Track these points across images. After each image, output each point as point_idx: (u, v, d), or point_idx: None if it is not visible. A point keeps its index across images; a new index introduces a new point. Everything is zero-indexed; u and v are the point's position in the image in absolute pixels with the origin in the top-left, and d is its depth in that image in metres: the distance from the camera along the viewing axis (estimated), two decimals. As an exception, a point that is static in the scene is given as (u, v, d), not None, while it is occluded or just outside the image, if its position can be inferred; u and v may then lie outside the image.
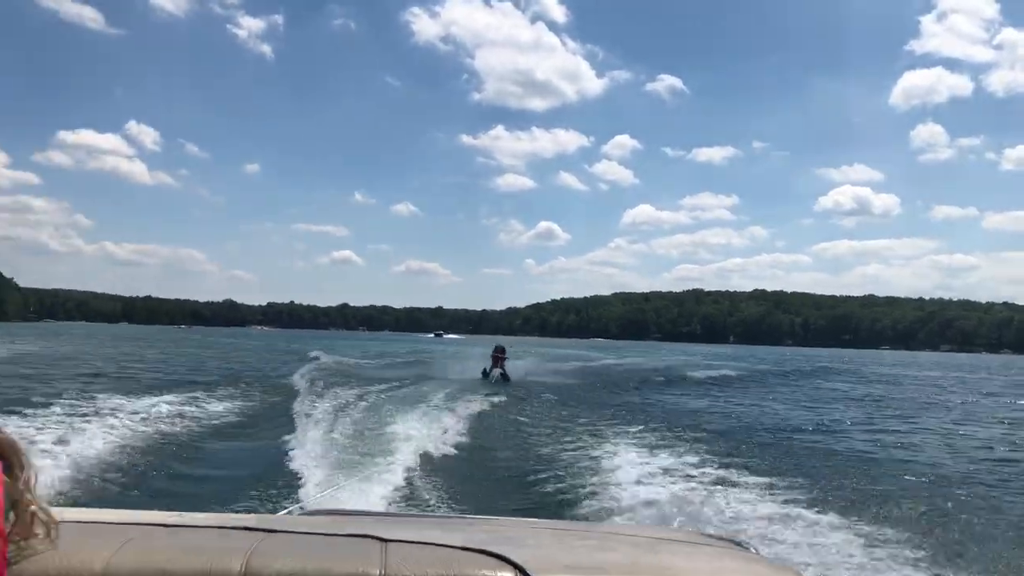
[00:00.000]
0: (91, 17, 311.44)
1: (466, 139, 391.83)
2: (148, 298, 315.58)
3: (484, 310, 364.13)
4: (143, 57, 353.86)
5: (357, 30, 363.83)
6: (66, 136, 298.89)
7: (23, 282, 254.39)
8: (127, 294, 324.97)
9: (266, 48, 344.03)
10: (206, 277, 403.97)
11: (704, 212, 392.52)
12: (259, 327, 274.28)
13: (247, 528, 1.46)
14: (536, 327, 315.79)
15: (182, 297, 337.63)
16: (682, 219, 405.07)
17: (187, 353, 52.65)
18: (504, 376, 30.67)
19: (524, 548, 1.32)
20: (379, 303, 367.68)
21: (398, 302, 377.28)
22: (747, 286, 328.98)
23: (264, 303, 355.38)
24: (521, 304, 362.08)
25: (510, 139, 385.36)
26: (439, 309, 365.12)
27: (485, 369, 31.45)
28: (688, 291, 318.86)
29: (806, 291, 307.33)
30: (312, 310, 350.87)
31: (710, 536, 1.66)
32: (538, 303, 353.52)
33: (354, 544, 1.35)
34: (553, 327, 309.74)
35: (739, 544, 1.63)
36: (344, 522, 1.60)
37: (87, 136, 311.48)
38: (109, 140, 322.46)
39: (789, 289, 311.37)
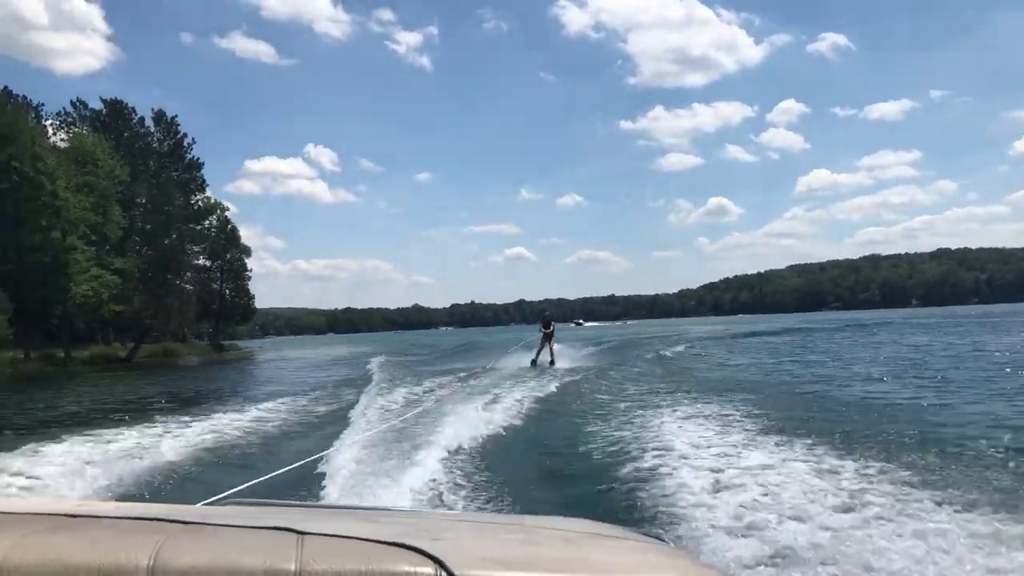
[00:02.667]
0: (265, 52, 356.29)
1: (625, 124, 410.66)
2: (348, 309, 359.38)
3: (657, 294, 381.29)
4: (314, 82, 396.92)
5: (509, 30, 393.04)
6: (252, 165, 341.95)
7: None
8: (323, 307, 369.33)
9: (425, 60, 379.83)
10: (392, 285, 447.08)
11: (884, 171, 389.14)
12: (444, 327, 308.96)
13: (158, 519, 1.45)
14: (710, 307, 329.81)
15: (374, 306, 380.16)
16: (861, 180, 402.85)
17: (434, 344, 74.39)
18: (551, 361, 28.29)
19: (444, 541, 1.34)
20: (553, 296, 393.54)
21: (572, 293, 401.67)
22: (937, 244, 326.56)
23: (448, 305, 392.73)
24: (694, 285, 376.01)
25: (670, 118, 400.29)
26: (611, 297, 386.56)
27: (533, 359, 28.85)
28: (865, 257, 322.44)
29: (994, 245, 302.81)
30: (492, 308, 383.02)
31: (635, 531, 1.71)
32: (711, 283, 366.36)
33: (269, 537, 1.35)
34: (727, 306, 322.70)
35: (663, 540, 1.70)
36: (262, 513, 1.61)
37: (271, 163, 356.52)
38: (291, 164, 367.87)
39: (982, 244, 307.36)
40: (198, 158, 72.64)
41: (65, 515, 1.48)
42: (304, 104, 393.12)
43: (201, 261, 72.64)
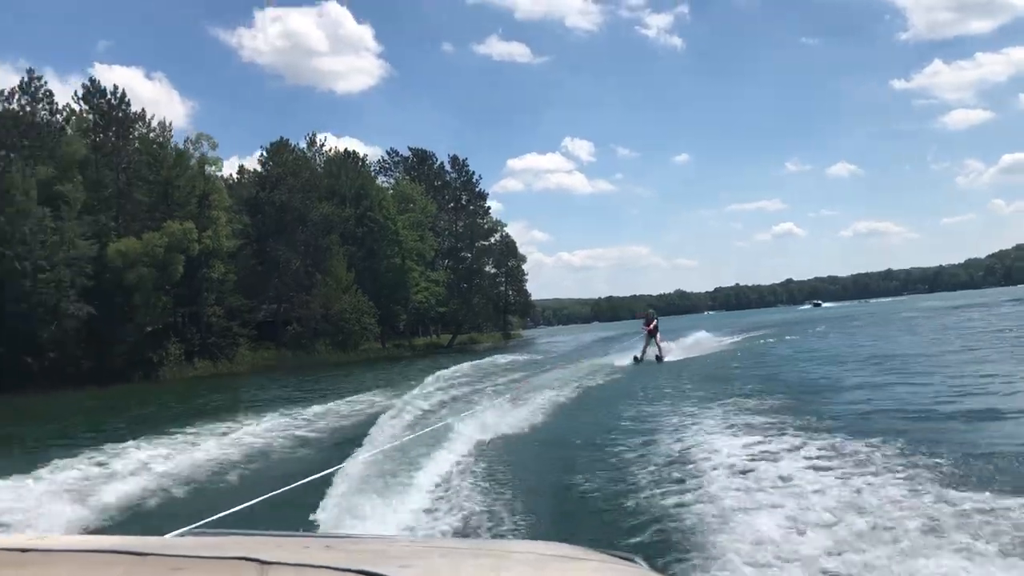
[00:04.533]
0: (520, 52, 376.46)
1: (898, 83, 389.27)
2: (610, 298, 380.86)
3: (940, 266, 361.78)
4: (568, 76, 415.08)
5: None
6: (514, 163, 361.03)
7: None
8: (586, 296, 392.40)
9: (676, 40, 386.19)
10: (652, 270, 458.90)
11: None
12: (708, 312, 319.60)
13: (114, 551, 1.42)
14: (1001, 277, 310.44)
15: (636, 293, 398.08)
16: None
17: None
18: (659, 357, 27.93)
19: (411, 568, 1.34)
20: (824, 273, 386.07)
21: (845, 269, 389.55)
22: None
23: (711, 288, 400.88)
24: (983, 254, 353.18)
25: (951, 72, 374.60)
26: (888, 272, 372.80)
27: (636, 356, 28.69)
28: None
29: None
30: (757, 289, 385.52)
31: (600, 551, 1.76)
32: (1002, 250, 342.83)
33: (231, 567, 1.33)
34: (1018, 275, 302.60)
35: (635, 561, 1.74)
36: (224, 544, 1.60)
37: (531, 160, 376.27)
38: (550, 159, 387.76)
39: None
40: (484, 190, 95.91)
41: (16, 549, 1.46)
42: (559, 99, 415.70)
43: (489, 269, 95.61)
